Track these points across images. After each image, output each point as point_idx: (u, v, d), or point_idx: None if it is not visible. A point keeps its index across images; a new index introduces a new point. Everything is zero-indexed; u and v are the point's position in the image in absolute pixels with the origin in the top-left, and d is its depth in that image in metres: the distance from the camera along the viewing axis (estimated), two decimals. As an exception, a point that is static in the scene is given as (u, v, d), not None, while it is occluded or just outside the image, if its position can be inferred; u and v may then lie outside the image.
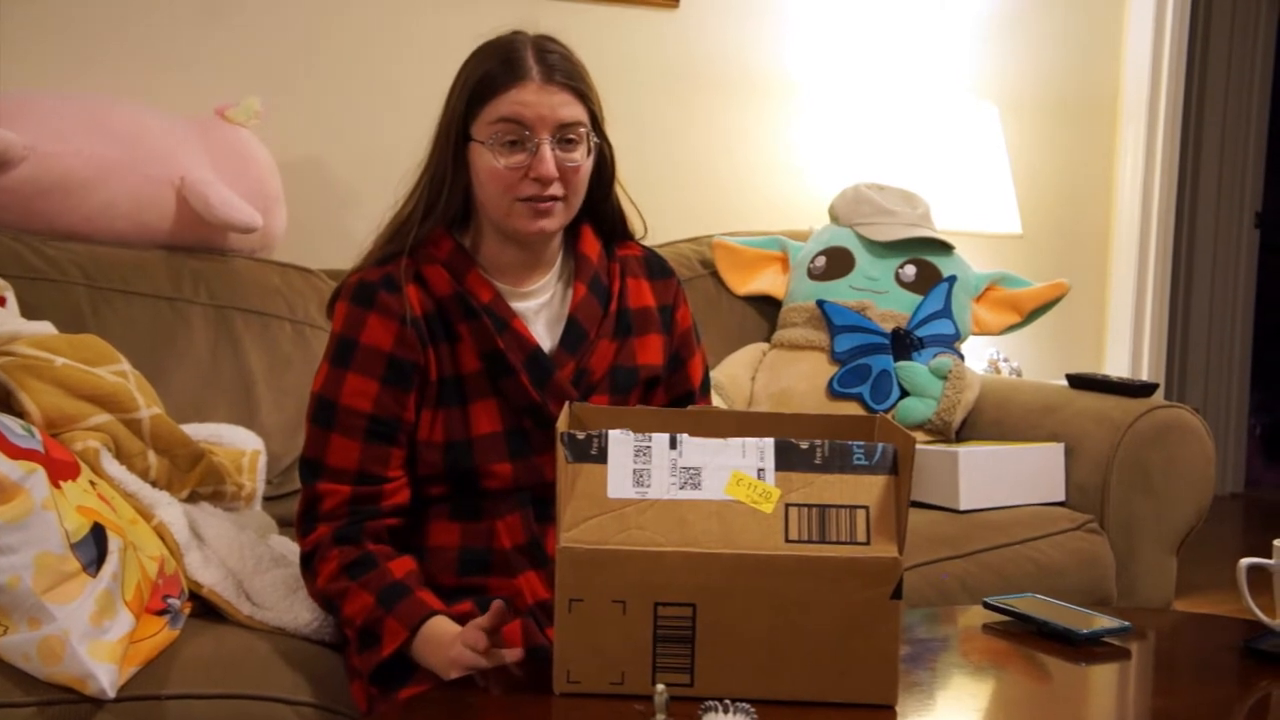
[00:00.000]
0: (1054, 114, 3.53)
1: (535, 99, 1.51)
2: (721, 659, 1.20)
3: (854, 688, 1.21)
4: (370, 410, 1.54)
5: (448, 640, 1.43)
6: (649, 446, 1.25)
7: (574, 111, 1.54)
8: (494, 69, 1.53)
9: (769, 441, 1.25)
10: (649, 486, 1.23)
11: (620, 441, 1.24)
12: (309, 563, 1.57)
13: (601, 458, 1.24)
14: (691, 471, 1.23)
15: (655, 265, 1.72)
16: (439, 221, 1.58)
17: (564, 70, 1.54)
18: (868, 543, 1.21)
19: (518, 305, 1.60)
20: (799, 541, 1.21)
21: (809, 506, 1.22)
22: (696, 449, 1.25)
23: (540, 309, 1.62)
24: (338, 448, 1.54)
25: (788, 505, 1.22)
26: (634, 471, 1.23)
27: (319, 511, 1.55)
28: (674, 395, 1.71)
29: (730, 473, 1.23)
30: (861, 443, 1.25)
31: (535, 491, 1.57)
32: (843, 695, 1.21)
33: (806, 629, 1.20)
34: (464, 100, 1.54)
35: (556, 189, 1.53)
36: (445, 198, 1.57)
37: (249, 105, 2.42)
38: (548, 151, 1.51)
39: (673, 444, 1.25)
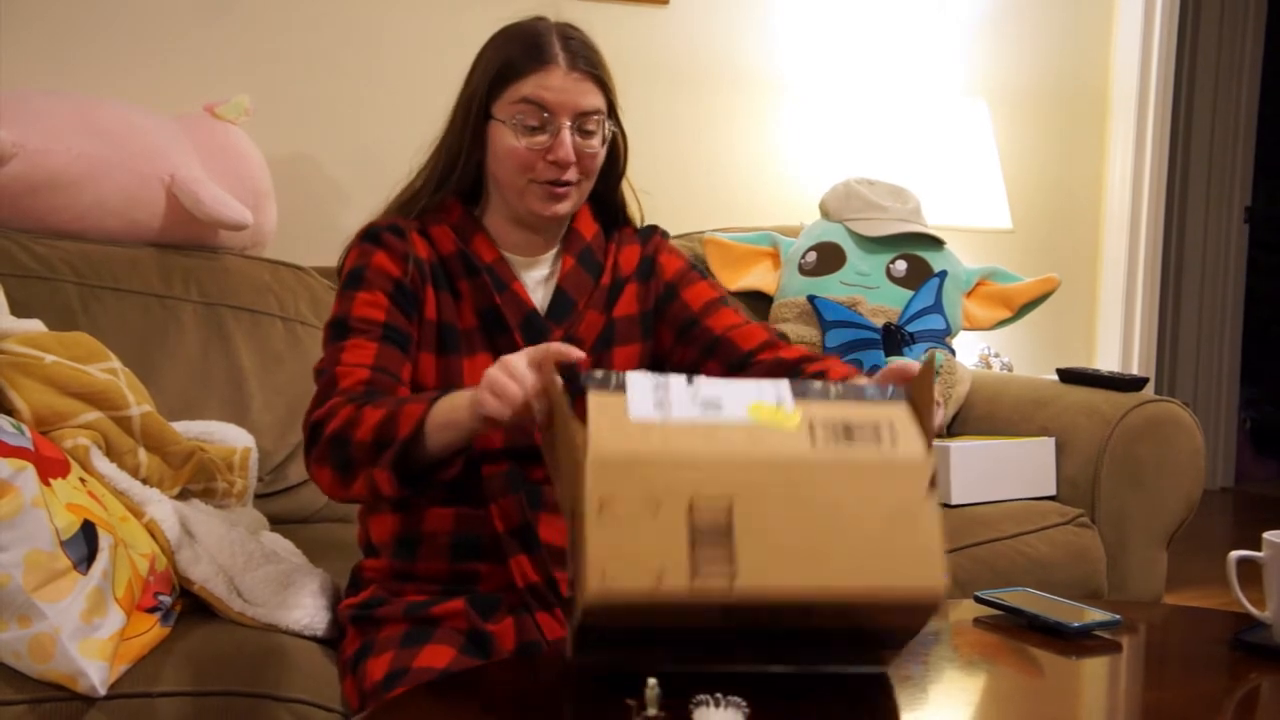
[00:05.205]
0: (1044, 110, 3.54)
1: (559, 84, 1.55)
2: (762, 552, 1.15)
3: (901, 572, 1.18)
4: (383, 319, 1.55)
5: (468, 393, 1.36)
6: (666, 382, 1.23)
7: (594, 100, 1.58)
8: (520, 51, 1.57)
9: (783, 381, 1.26)
10: (670, 411, 1.20)
11: (638, 378, 1.22)
12: (317, 430, 1.46)
13: (620, 390, 1.21)
14: (710, 400, 1.22)
15: (643, 231, 1.75)
16: (450, 194, 1.62)
17: (587, 58, 1.58)
18: (894, 445, 1.20)
19: (519, 272, 1.64)
20: (828, 448, 1.20)
21: (833, 423, 1.21)
22: (713, 384, 1.24)
23: (542, 280, 1.66)
24: (354, 347, 1.52)
25: (812, 423, 1.21)
26: (655, 401, 1.21)
27: (334, 389, 1.49)
28: (677, 327, 1.69)
29: (749, 403, 1.23)
30: (874, 385, 1.26)
31: (524, 467, 1.57)
32: (891, 579, 1.18)
33: (845, 526, 1.17)
34: (487, 79, 1.58)
35: (572, 174, 1.57)
36: (459, 171, 1.61)
37: (238, 102, 2.42)
38: (567, 136, 1.55)
39: (689, 381, 1.24)
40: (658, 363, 1.70)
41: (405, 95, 2.74)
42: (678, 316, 1.69)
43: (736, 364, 1.65)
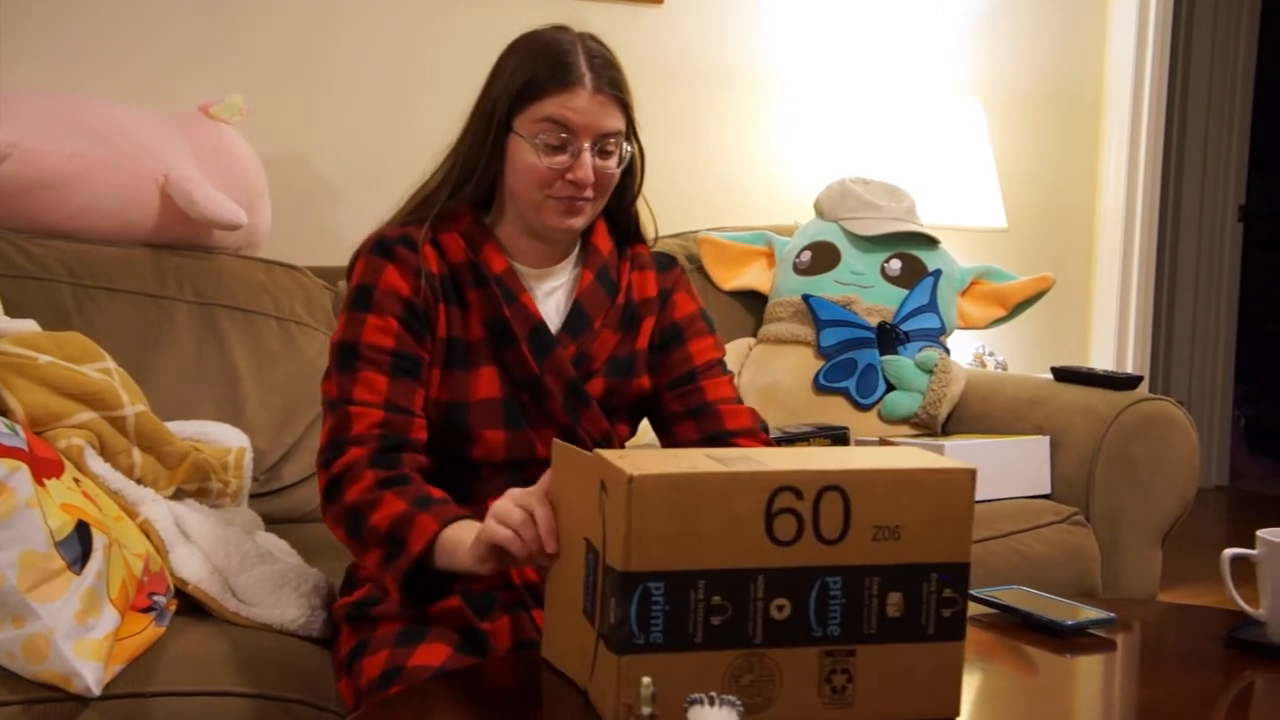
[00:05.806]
0: (1038, 108, 3.54)
1: (585, 106, 1.55)
2: (792, 462, 1.20)
3: (930, 464, 1.24)
4: (393, 346, 1.54)
5: (475, 535, 1.38)
6: None
7: (616, 122, 1.58)
8: (545, 69, 1.55)
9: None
10: None
11: None
12: (336, 486, 1.49)
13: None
14: None
15: (662, 259, 1.75)
16: (465, 201, 1.61)
17: (611, 79, 1.58)
18: None
19: (529, 283, 1.63)
20: None
21: None
22: None
23: (551, 292, 1.65)
24: (365, 381, 1.52)
25: None
26: None
27: (349, 434, 1.50)
28: (673, 376, 1.69)
29: None
30: None
31: (525, 471, 1.57)
32: (922, 464, 1.23)
33: (863, 456, 1.27)
34: (511, 92, 1.57)
35: (588, 192, 1.57)
36: (476, 180, 1.60)
37: (233, 102, 2.41)
38: (588, 158, 1.55)
39: None
40: (642, 401, 1.69)
41: (400, 96, 2.73)
42: (676, 365, 1.69)
43: (714, 438, 1.64)
